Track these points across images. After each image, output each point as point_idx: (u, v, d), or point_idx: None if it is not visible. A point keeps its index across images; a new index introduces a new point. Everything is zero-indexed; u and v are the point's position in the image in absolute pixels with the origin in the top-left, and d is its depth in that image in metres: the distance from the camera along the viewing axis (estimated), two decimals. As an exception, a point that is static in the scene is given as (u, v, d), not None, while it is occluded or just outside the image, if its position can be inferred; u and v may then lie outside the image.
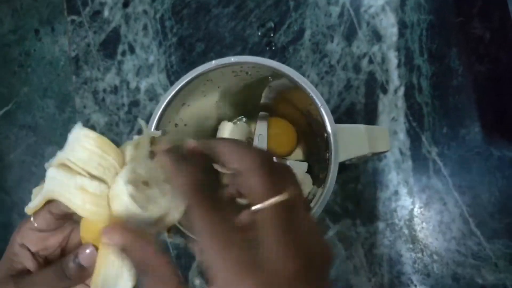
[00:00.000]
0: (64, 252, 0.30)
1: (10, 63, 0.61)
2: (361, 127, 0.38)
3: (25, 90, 0.61)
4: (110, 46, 0.61)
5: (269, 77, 0.42)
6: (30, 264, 0.28)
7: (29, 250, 0.28)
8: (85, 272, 0.26)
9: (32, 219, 0.28)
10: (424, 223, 0.53)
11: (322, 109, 0.38)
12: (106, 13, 0.61)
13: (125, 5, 0.60)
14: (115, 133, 0.59)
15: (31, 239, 0.28)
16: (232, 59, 0.39)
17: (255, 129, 0.52)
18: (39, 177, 0.58)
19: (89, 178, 0.24)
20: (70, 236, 0.30)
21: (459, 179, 0.53)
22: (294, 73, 0.38)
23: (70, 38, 0.62)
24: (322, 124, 0.40)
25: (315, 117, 0.44)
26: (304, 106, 0.45)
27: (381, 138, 0.39)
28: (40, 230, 0.28)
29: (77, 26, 0.62)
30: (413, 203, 0.54)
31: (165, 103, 0.41)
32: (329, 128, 0.37)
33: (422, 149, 0.54)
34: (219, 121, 0.51)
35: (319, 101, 0.38)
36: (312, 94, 0.38)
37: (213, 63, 0.39)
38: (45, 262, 0.29)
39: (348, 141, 0.38)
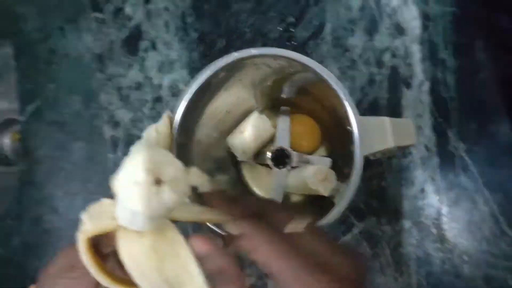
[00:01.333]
0: None
1: (36, 60, 0.62)
2: (386, 119, 0.37)
3: (51, 87, 0.62)
4: (133, 42, 0.62)
5: (291, 69, 0.42)
6: None
7: None
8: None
9: None
10: (452, 222, 0.52)
11: (346, 102, 0.37)
12: (128, 9, 0.61)
13: (147, 1, 0.61)
14: (140, 129, 0.60)
15: None
16: (253, 51, 0.39)
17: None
18: (67, 173, 0.59)
19: None
20: None
21: (489, 177, 0.51)
22: (316, 65, 0.38)
23: (94, 35, 0.63)
24: (345, 118, 0.39)
25: (338, 111, 0.43)
26: (327, 100, 0.44)
27: (407, 131, 0.38)
28: None
29: (100, 23, 0.63)
30: (440, 201, 0.52)
31: (189, 99, 0.41)
32: (353, 121, 0.37)
33: (448, 145, 0.53)
34: (241, 116, 0.51)
35: (343, 94, 0.37)
36: (335, 86, 0.37)
37: (235, 55, 0.39)
38: None
39: (373, 134, 0.37)
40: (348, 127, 0.38)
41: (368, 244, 0.54)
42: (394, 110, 0.54)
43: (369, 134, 0.37)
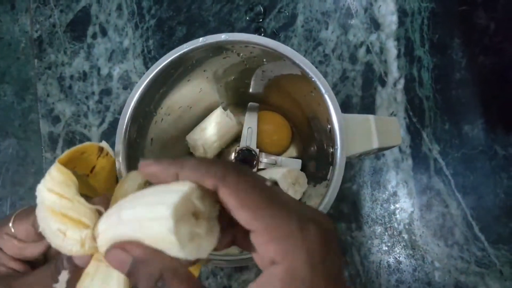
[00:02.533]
0: (47, 258, 0.28)
1: (-40, 42, 0.53)
2: (370, 117, 0.33)
3: (-22, 75, 0.53)
4: (79, 27, 0.54)
5: (264, 60, 0.37)
6: (14, 265, 0.27)
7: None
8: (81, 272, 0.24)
9: (11, 225, 0.26)
10: (424, 227, 0.49)
11: (326, 96, 0.33)
12: (74, -12, 0.54)
13: (97, -20, 0.54)
14: (83, 125, 0.53)
15: (8, 245, 0.27)
16: (223, 36, 0.34)
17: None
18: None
19: (67, 224, 0.22)
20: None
21: (462, 180, 0.49)
22: (294, 54, 0.33)
23: (33, 17, 0.55)
24: (323, 115, 0.35)
25: (313, 107, 0.39)
26: (300, 94, 0.40)
27: (391, 130, 0.35)
28: (18, 239, 0.26)
29: (40, 4, 0.55)
30: (413, 206, 0.50)
31: (142, 87, 0.35)
32: (334, 119, 0.32)
33: (422, 146, 0.50)
34: (203, 112, 0.45)
35: (323, 87, 0.33)
36: (315, 78, 0.33)
37: (201, 40, 0.34)
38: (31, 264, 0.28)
39: (356, 134, 0.33)
40: (328, 125, 0.34)
41: (338, 251, 0.50)
42: (367, 108, 0.51)
43: (352, 133, 0.33)
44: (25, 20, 0.55)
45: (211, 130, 0.45)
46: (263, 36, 0.52)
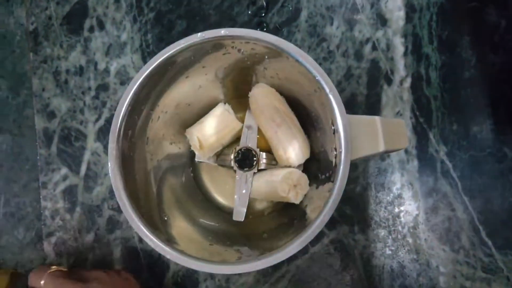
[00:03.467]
0: None
1: (-47, 34, 0.52)
2: (376, 119, 0.32)
3: (-29, 68, 0.52)
4: (76, 20, 0.52)
5: (266, 57, 0.35)
6: None
7: None
8: None
9: None
10: (430, 231, 0.48)
11: (331, 96, 0.31)
12: (70, -21, 0.52)
13: (94, -29, 0.52)
14: (79, 121, 0.51)
15: None
16: (223, 31, 0.32)
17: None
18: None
19: None
20: None
21: (470, 182, 0.48)
22: (298, 51, 0.32)
23: (28, 9, 0.53)
24: (327, 115, 0.34)
25: (317, 107, 0.37)
26: (304, 93, 0.38)
27: (398, 133, 0.33)
28: None
29: (36, -4, 0.53)
30: (418, 208, 0.48)
31: (137, 84, 0.33)
32: (339, 120, 0.31)
33: (429, 148, 0.49)
34: (202, 109, 0.44)
35: (327, 86, 0.31)
36: (319, 77, 0.31)
37: (199, 35, 0.32)
38: None
39: (361, 136, 0.31)
40: (332, 126, 0.32)
41: (339, 254, 0.48)
42: (372, 107, 0.49)
43: (358, 136, 0.31)
44: (21, 12, 0.53)
45: (209, 123, 0.43)
46: (266, 31, 0.50)
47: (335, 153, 0.33)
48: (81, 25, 0.52)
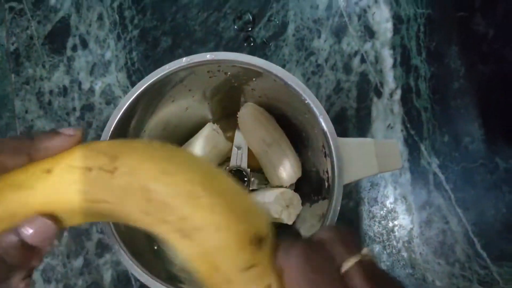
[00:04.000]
0: None
1: None
2: (369, 141, 0.31)
3: (-49, 91, 0.50)
4: (58, 39, 0.51)
5: (253, 78, 0.34)
6: None
7: None
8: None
9: None
10: (424, 245, 0.47)
11: (321, 120, 0.30)
12: (51, -1, 0.51)
13: (75, -10, 0.51)
14: (64, 143, 0.50)
15: None
16: (208, 56, 0.31)
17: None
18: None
19: None
20: None
21: (463, 194, 0.47)
22: (286, 75, 0.31)
23: (8, 29, 0.52)
24: (318, 137, 0.33)
25: (308, 128, 0.36)
26: (294, 114, 0.38)
27: (391, 154, 0.32)
28: None
29: (17, 15, 0.52)
30: (412, 222, 0.48)
31: (123, 110, 0.32)
32: (331, 145, 0.30)
33: (421, 160, 0.48)
34: (190, 130, 0.43)
35: (317, 110, 0.30)
36: (309, 101, 0.30)
37: (184, 60, 0.31)
38: None
39: (354, 159, 0.31)
40: (324, 150, 0.32)
41: (335, 270, 0.48)
42: (363, 121, 0.49)
43: (350, 159, 0.30)
44: (1, 32, 0.52)
45: (198, 144, 0.42)
46: (253, 46, 0.50)
47: (327, 175, 0.33)
48: (63, 44, 0.51)
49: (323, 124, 0.30)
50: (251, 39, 0.50)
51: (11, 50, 0.51)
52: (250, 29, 0.50)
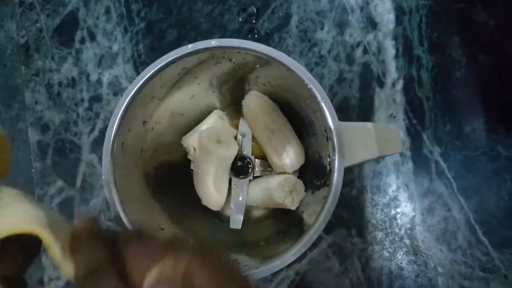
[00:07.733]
0: None
1: None
2: (369, 125, 0.32)
3: (-37, 83, 0.51)
4: (67, 32, 0.52)
5: (257, 66, 0.35)
6: None
7: None
8: None
9: None
10: (427, 232, 0.48)
11: (323, 104, 0.31)
12: (60, -8, 0.52)
13: (83, -17, 0.52)
14: (73, 133, 0.51)
15: None
16: (213, 42, 0.32)
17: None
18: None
19: None
20: None
21: (464, 182, 0.48)
22: (289, 61, 0.32)
23: (19, 23, 0.53)
24: (320, 122, 0.34)
25: (310, 115, 0.37)
26: (297, 101, 0.38)
27: (391, 138, 0.33)
28: None
29: (26, 9, 0.53)
30: (414, 210, 0.48)
31: (130, 97, 0.33)
32: (332, 128, 0.31)
33: (423, 149, 0.49)
34: (197, 118, 0.44)
35: (319, 94, 0.31)
36: (311, 85, 0.31)
37: (190, 47, 0.32)
38: None
39: (354, 143, 0.32)
40: (326, 134, 0.32)
41: (337, 258, 0.49)
42: (365, 110, 0.49)
43: (351, 142, 0.31)
44: (11, 25, 0.53)
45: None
46: (257, 38, 0.51)
47: (329, 160, 0.34)
48: (72, 37, 0.52)
49: (324, 108, 0.31)
50: (255, 31, 0.51)
51: (21, 43, 0.53)
52: (254, 21, 0.51)
